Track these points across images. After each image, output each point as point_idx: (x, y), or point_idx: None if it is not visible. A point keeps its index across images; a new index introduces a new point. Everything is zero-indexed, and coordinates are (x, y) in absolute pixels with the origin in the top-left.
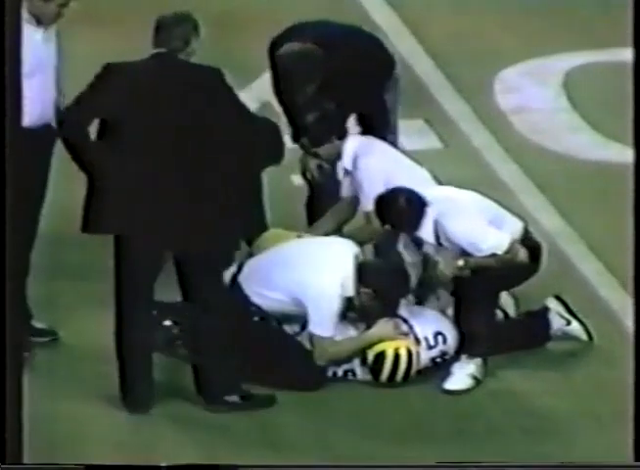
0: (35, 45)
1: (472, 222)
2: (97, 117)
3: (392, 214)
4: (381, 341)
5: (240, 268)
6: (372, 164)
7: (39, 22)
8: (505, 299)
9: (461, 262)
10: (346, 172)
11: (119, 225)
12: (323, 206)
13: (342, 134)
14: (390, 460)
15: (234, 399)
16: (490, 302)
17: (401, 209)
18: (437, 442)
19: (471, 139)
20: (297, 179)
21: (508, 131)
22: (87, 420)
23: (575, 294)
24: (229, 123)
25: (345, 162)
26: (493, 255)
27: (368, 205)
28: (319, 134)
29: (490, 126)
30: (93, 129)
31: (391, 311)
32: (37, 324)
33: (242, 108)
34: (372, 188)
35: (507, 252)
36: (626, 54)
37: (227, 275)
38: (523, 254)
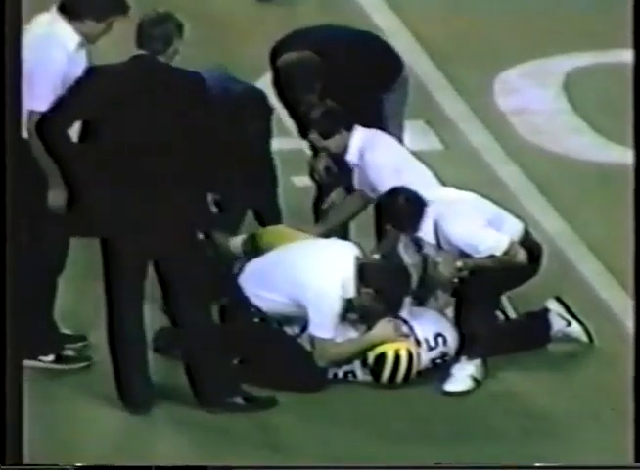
0: (77, 61)
1: (470, 224)
2: (78, 119)
3: (392, 214)
4: (382, 342)
5: (240, 270)
6: (380, 159)
7: (87, 40)
8: (502, 300)
9: (460, 264)
10: (355, 165)
11: (103, 228)
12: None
13: (350, 126)
14: (391, 461)
15: (237, 400)
16: (491, 303)
17: (401, 208)
18: (438, 443)
19: (471, 140)
20: (299, 181)
21: (508, 132)
22: (87, 421)
23: (576, 295)
24: (210, 124)
25: (351, 154)
26: (492, 256)
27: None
28: (327, 126)
29: (490, 127)
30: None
31: (393, 312)
32: (65, 331)
33: (220, 108)
34: (382, 183)
35: (506, 253)
36: (626, 55)
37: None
38: (522, 255)
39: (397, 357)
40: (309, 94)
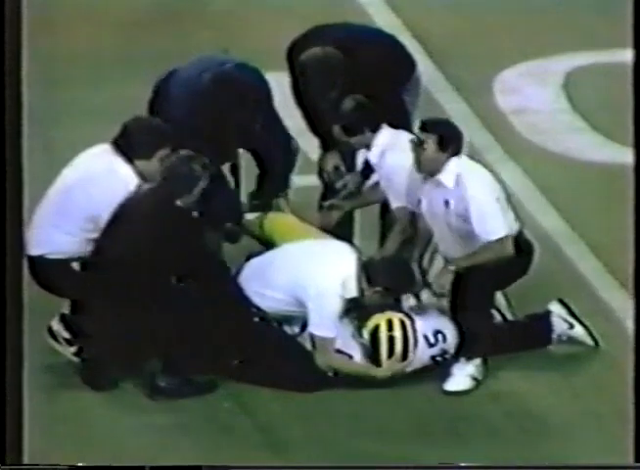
0: None
1: (487, 196)
2: None
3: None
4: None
5: (240, 269)
6: (397, 161)
7: (144, 179)
8: (499, 300)
9: (452, 268)
10: (374, 165)
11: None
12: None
13: (376, 126)
14: (391, 461)
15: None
16: (485, 300)
17: None
18: (438, 442)
19: (471, 140)
20: (300, 180)
21: (508, 132)
22: (87, 420)
23: (576, 295)
24: None
25: (373, 154)
26: (485, 245)
27: (396, 201)
28: (356, 123)
29: (490, 127)
30: None
31: (397, 305)
32: None
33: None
34: (399, 185)
35: (500, 240)
36: (626, 55)
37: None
38: (509, 248)
39: (390, 323)
40: (332, 89)
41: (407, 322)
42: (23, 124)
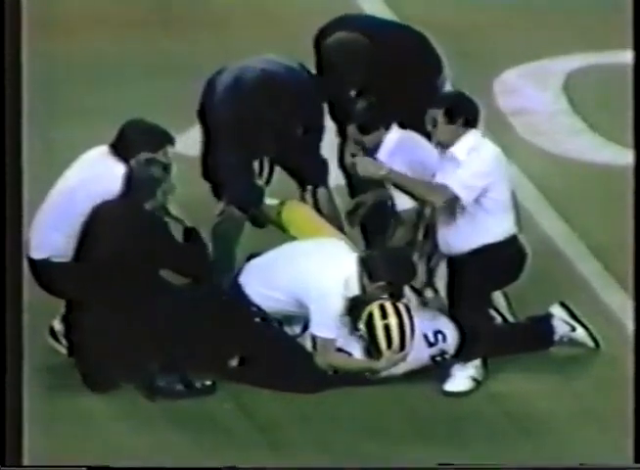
0: None
1: (484, 164)
2: None
3: None
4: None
5: (241, 269)
6: (406, 162)
7: None
8: (499, 301)
9: (383, 172)
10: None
11: None
12: (356, 193)
13: (390, 124)
14: (390, 462)
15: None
16: (481, 301)
17: None
18: (438, 443)
19: None
20: None
21: (508, 133)
22: (87, 420)
23: (576, 296)
24: None
25: (382, 154)
26: (436, 184)
27: (403, 203)
28: (368, 121)
29: (490, 128)
30: None
31: (398, 298)
32: None
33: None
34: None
35: (448, 192)
36: (626, 56)
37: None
38: (439, 200)
39: (382, 308)
40: (355, 74)
41: (401, 307)
42: (23, 124)
